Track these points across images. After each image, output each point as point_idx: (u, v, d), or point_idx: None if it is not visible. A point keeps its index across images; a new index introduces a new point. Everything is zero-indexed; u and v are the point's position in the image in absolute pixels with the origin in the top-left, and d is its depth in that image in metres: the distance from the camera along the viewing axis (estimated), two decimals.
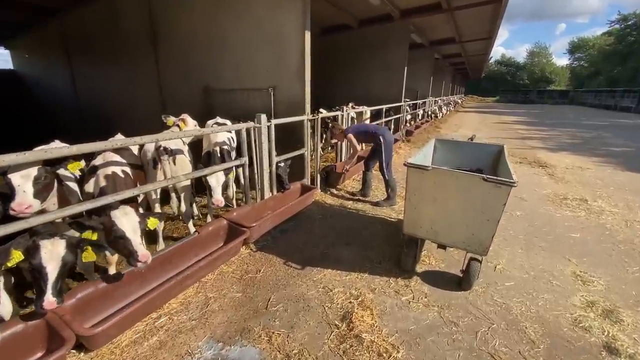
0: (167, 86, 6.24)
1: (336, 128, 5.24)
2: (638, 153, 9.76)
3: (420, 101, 14.85)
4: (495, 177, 2.36)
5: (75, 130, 8.15)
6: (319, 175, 5.34)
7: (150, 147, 3.31)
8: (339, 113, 5.91)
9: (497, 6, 9.97)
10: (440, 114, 19.30)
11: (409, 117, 12.43)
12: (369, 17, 10.64)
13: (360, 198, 5.21)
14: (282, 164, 4.13)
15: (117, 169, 2.72)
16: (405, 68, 10.88)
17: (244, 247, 3.50)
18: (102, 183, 2.55)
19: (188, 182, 3.46)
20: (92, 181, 2.62)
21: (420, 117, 15.40)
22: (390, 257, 3.41)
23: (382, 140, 4.72)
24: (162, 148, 3.27)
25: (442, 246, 2.93)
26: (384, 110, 8.72)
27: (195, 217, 4.27)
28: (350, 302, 2.66)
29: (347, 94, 11.31)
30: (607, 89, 36.75)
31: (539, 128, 16.45)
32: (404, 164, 2.67)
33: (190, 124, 4.17)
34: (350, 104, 8.87)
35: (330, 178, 5.61)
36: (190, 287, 2.83)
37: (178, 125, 4.06)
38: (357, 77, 11.86)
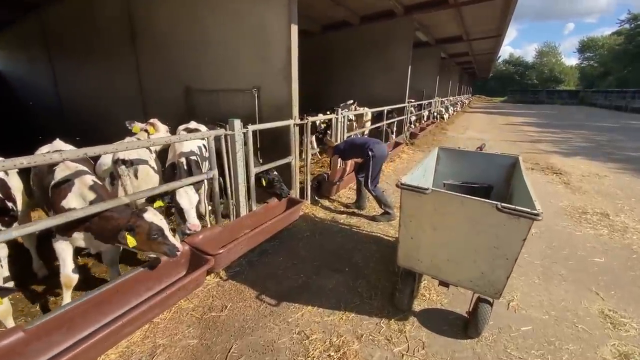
0: (147, 87, 5.78)
1: (327, 144, 4.81)
2: None
3: (425, 102, 14.25)
4: (512, 207, 1.83)
5: (57, 131, 7.73)
6: (309, 186, 4.83)
7: (106, 160, 2.84)
8: (332, 116, 5.38)
9: (508, 1, 9.38)
10: (447, 114, 18.63)
11: (413, 118, 11.85)
12: (371, 13, 10.09)
13: (355, 211, 4.69)
14: (275, 172, 3.76)
15: (94, 178, 2.48)
16: (409, 67, 10.30)
17: (212, 275, 3.01)
18: (90, 196, 2.31)
19: (165, 190, 2.96)
20: (71, 195, 2.30)
21: (425, 118, 14.81)
22: (383, 290, 2.88)
23: (370, 154, 4.19)
24: (119, 160, 2.79)
25: (444, 284, 2.41)
26: (385, 111, 8.18)
27: None
28: (329, 356, 2.15)
29: (348, 95, 10.77)
30: (617, 90, 35.70)
31: (550, 130, 15.75)
32: (397, 185, 2.14)
33: (162, 130, 3.70)
34: (354, 105, 8.32)
35: (322, 188, 5.10)
36: (139, 330, 2.35)
37: (146, 131, 3.58)
38: (359, 77, 11.32)
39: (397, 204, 4.90)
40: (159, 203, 2.72)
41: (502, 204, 1.86)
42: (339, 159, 4.97)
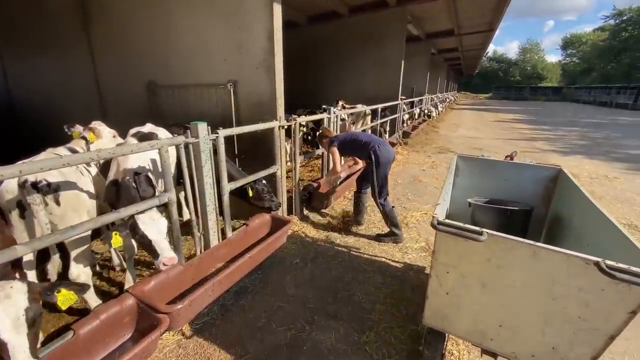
0: (104, 81, 4.90)
1: (324, 134, 4.01)
2: None
3: (417, 99, 13.69)
4: (625, 268, 1.16)
5: (7, 131, 6.72)
6: (298, 198, 4.11)
7: (11, 186, 2.03)
8: (324, 116, 4.65)
9: None
10: (436, 112, 18.16)
11: (406, 116, 11.25)
12: (361, 3, 9.35)
13: (352, 229, 3.99)
14: (263, 180, 3.15)
15: None
16: (403, 62, 9.66)
17: (170, 333, 2.25)
18: None
19: (86, 233, 2.18)
20: None
21: (416, 116, 14.27)
22: (398, 347, 2.19)
23: (373, 158, 3.49)
24: (27, 183, 2.00)
25: (491, 353, 1.73)
26: (379, 110, 7.51)
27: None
28: None
29: (338, 92, 10.06)
30: (601, 85, 36.27)
31: (542, 127, 15.49)
32: (433, 225, 1.45)
33: (106, 136, 2.89)
34: (341, 103, 7.60)
35: (313, 200, 4.37)
36: None
37: (85, 138, 2.78)
38: (349, 73, 10.60)
39: (403, 219, 4.26)
40: (117, 240, 2.02)
41: (608, 262, 1.19)
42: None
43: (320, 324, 2.41)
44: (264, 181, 3.22)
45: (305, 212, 4.29)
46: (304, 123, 5.61)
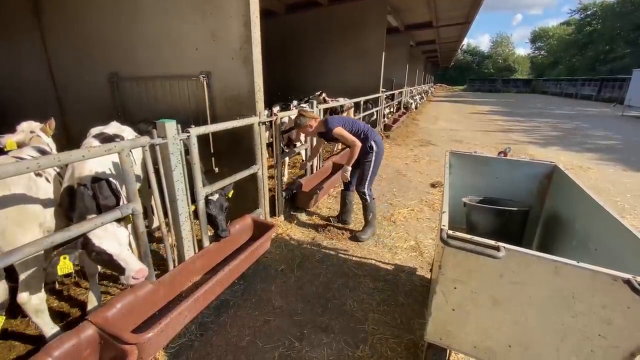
0: (60, 74, 4.39)
1: (306, 116, 3.30)
2: (626, 147, 9.19)
3: (397, 91, 13.64)
4: None
5: None
6: (282, 198, 3.87)
7: None
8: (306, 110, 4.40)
9: None
10: (414, 104, 18.25)
11: (387, 109, 11.16)
12: None
13: (339, 226, 3.81)
14: (214, 197, 2.58)
15: None
16: (383, 54, 9.52)
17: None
18: None
19: (37, 251, 1.85)
20: None
21: (396, 109, 14.23)
22: None
23: (375, 146, 3.31)
24: None
25: None
26: (361, 102, 7.34)
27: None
28: None
29: (319, 84, 9.79)
30: (568, 78, 37.88)
31: (516, 119, 15.91)
32: (442, 240, 1.27)
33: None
34: (323, 95, 7.31)
35: (297, 199, 4.15)
36: None
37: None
38: (330, 64, 10.34)
39: (383, 214, 4.13)
40: (66, 266, 1.68)
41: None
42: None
43: (310, 339, 2.21)
44: (214, 197, 2.54)
45: (290, 212, 4.06)
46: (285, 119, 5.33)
